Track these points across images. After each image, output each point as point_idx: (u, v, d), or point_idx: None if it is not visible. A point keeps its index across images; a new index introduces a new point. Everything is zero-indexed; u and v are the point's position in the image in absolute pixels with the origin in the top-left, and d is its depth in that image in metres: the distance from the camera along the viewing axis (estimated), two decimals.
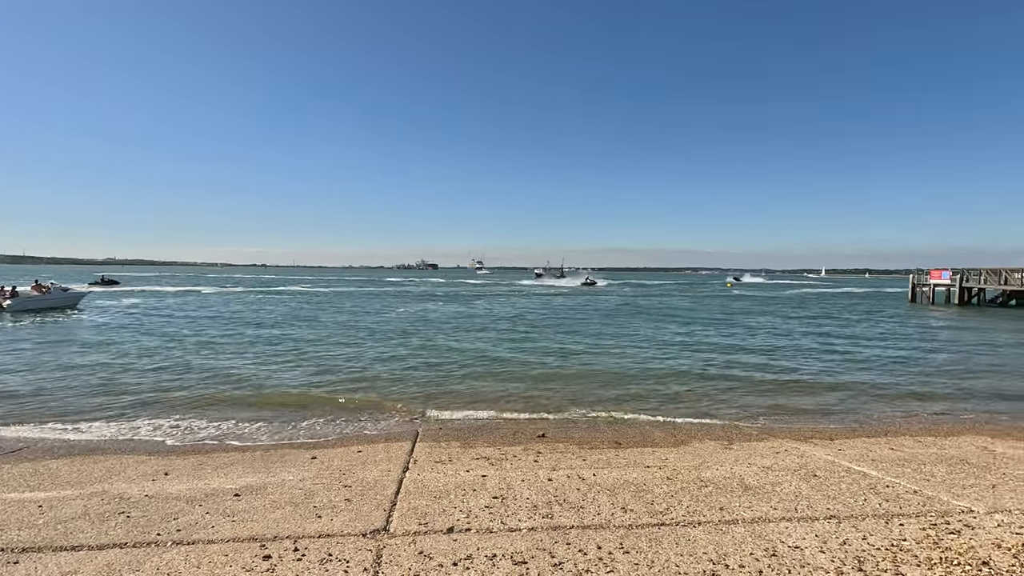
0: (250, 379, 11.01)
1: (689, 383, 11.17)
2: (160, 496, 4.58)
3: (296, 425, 7.71)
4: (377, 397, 9.62)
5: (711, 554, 3.49)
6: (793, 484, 4.98)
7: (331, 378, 11.23)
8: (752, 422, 8.10)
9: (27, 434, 7.22)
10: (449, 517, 4.09)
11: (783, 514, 4.23)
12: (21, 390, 9.81)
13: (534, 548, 3.56)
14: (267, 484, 4.91)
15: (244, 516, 4.10)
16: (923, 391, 10.70)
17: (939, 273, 39.34)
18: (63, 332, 18.76)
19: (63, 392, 9.67)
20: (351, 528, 3.86)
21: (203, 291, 48.73)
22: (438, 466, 5.54)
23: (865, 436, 7.16)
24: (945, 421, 8.27)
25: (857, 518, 4.14)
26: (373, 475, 5.19)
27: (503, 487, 4.82)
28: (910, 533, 3.83)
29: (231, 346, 15.71)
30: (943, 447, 6.48)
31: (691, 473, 5.34)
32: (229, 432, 7.29)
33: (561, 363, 13.44)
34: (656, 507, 4.36)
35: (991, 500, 4.58)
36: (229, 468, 5.49)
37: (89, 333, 18.51)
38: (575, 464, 5.67)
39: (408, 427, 7.56)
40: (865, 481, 5.08)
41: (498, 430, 7.43)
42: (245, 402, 9.09)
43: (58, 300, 28.17)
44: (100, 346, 15.38)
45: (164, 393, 9.68)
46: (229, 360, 13.21)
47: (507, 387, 10.59)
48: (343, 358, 13.73)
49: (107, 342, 16.20)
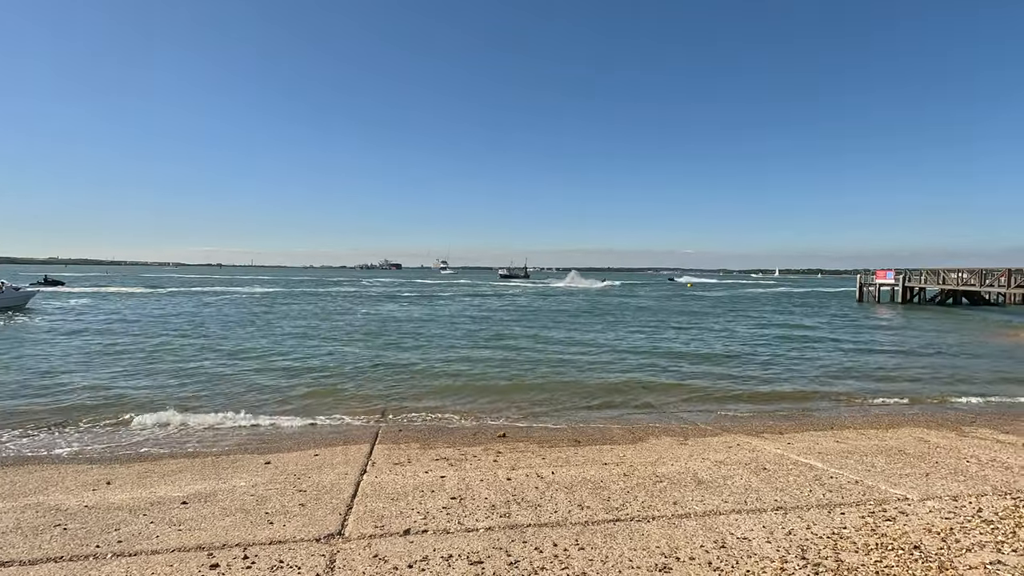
0: (203, 382, 10.63)
1: (648, 380, 11.39)
2: (101, 507, 4.38)
3: (250, 429, 7.50)
4: (336, 399, 9.44)
5: (663, 547, 3.57)
6: (744, 477, 5.15)
7: (289, 381, 10.95)
8: (707, 418, 8.32)
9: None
10: (406, 519, 4.06)
11: (733, 507, 4.36)
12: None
13: (491, 547, 3.57)
14: (217, 491, 4.75)
15: (191, 524, 3.96)
16: (867, 385, 11.22)
17: (884, 273, 41.34)
18: (14, 334, 17.69)
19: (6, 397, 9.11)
20: (304, 534, 3.79)
21: (159, 291, 46.78)
22: (396, 468, 5.48)
23: (813, 430, 7.46)
24: (886, 414, 8.70)
25: (802, 508, 4.31)
26: (329, 479, 5.09)
27: (462, 488, 4.82)
28: (850, 521, 4.02)
29: (186, 349, 15.13)
30: (883, 439, 6.81)
31: (647, 469, 5.45)
32: (178, 438, 7.03)
33: (523, 362, 13.49)
34: (612, 503, 4.44)
35: (924, 488, 4.84)
36: (177, 476, 5.29)
37: (43, 335, 17.50)
38: (534, 463, 5.70)
39: (367, 429, 7.45)
40: (811, 473, 5.29)
41: (458, 431, 7.41)
42: (195, 406, 8.77)
43: (9, 300, 26.58)
44: (51, 348, 14.56)
45: (111, 398, 9.24)
46: (182, 364, 12.72)
47: (469, 387, 10.56)
48: (299, 360, 13.42)
49: (60, 344, 15.36)
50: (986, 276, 34.43)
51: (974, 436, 6.93)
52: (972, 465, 5.57)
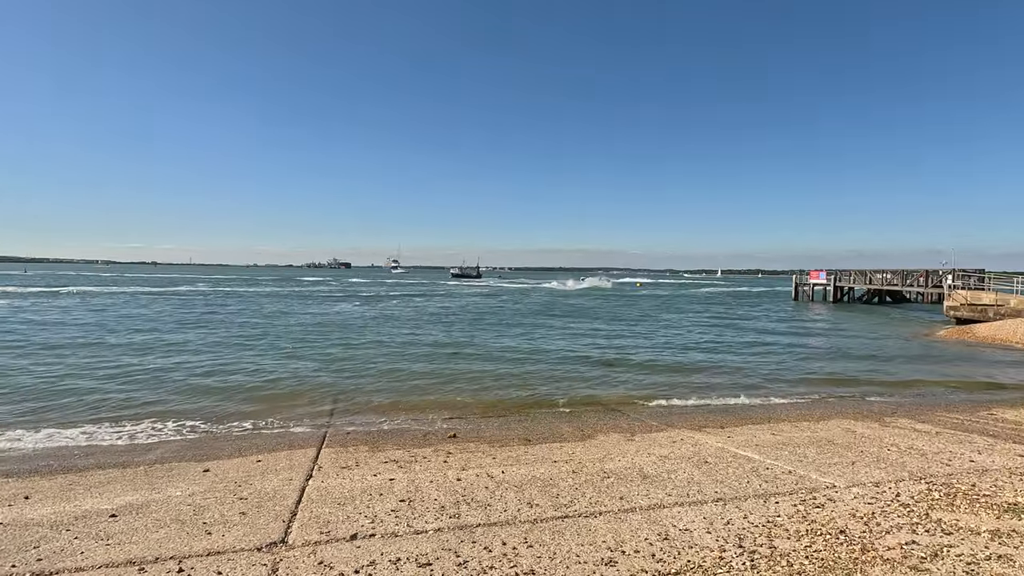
0: (138, 387, 10.04)
1: (597, 379, 11.62)
2: (18, 523, 4.06)
3: (188, 436, 7.15)
4: (281, 403, 9.13)
5: (609, 542, 3.66)
6: (687, 471, 5.34)
7: (230, 385, 10.51)
8: (653, 414, 8.57)
9: None
10: (353, 523, 3.98)
11: (676, 500, 4.52)
12: None
13: (439, 549, 3.55)
14: (150, 502, 4.51)
15: (121, 538, 3.74)
16: (800, 378, 11.86)
17: (817, 274, 43.83)
18: None
19: None
20: (245, 543, 3.65)
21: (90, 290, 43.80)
22: (344, 472, 5.36)
23: (751, 423, 7.81)
24: (818, 407, 9.21)
25: (740, 499, 4.51)
26: (273, 485, 4.93)
27: (411, 490, 4.77)
28: (783, 509, 4.24)
29: (122, 351, 14.24)
30: (815, 430, 7.22)
31: (595, 466, 5.56)
32: (107, 447, 6.62)
33: (474, 362, 13.48)
34: (561, 500, 4.50)
35: (850, 475, 5.17)
36: (105, 487, 4.98)
37: None
38: (485, 463, 5.71)
39: (314, 433, 7.25)
40: (749, 465, 5.54)
41: (408, 432, 7.32)
42: (128, 412, 8.28)
43: None
44: None
45: (33, 405, 8.59)
46: (112, 367, 11.97)
47: (419, 389, 10.45)
48: (244, 364, 12.90)
49: None
50: (907, 277, 37.13)
51: (895, 426, 7.45)
52: (892, 453, 5.99)
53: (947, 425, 7.48)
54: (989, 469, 5.37)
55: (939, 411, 8.63)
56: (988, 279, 26.98)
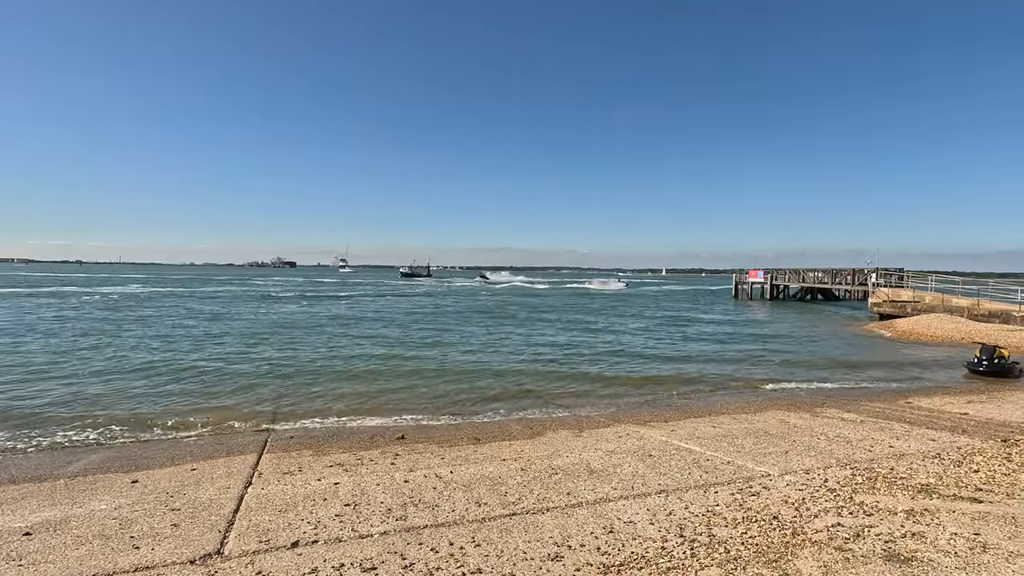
0: (59, 392, 9.33)
1: (545, 377, 11.74)
2: None
3: (114, 445, 6.71)
4: (218, 409, 8.71)
5: (556, 537, 3.70)
6: (632, 465, 5.47)
7: (162, 389, 9.95)
8: (600, 410, 8.74)
9: None
10: (294, 530, 3.85)
11: (622, 493, 4.62)
12: None
13: (385, 552, 3.49)
14: (71, 517, 4.21)
15: (36, 558, 3.47)
16: (739, 372, 12.39)
17: (755, 272, 45.99)
18: None
19: None
20: (176, 556, 3.47)
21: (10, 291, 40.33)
22: (286, 477, 5.18)
23: (694, 417, 8.09)
24: (755, 399, 9.66)
25: (682, 490, 4.67)
26: (208, 494, 4.70)
27: (357, 493, 4.66)
28: (722, 499, 4.41)
29: (40, 356, 13.19)
30: (752, 422, 7.55)
31: (543, 462, 5.61)
32: (21, 460, 6.12)
33: (423, 363, 13.33)
34: (509, 498, 4.52)
35: (783, 464, 5.44)
36: (19, 503, 4.61)
37: None
38: (433, 463, 5.66)
39: (254, 438, 6.96)
40: (691, 457, 5.74)
41: (355, 435, 7.15)
42: (46, 421, 7.69)
43: None
44: None
45: None
46: (31, 373, 11.08)
47: (366, 391, 10.24)
48: (179, 367, 12.25)
49: None
50: (836, 275, 39.50)
51: (824, 416, 7.90)
52: (822, 441, 6.35)
53: (870, 414, 8.00)
54: (906, 453, 5.78)
55: (863, 401, 9.22)
56: (906, 278, 29.06)
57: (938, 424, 7.28)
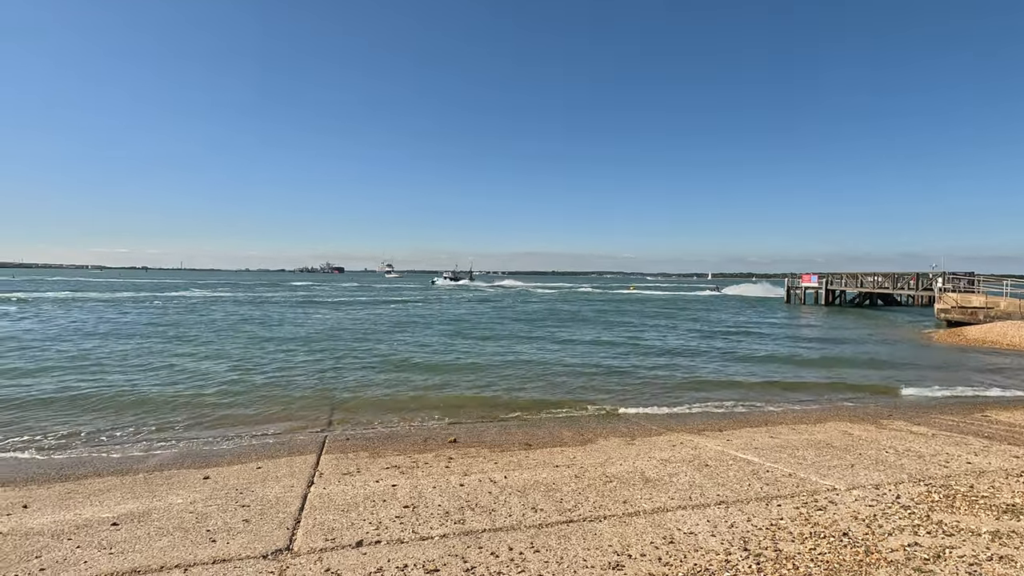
0: (134, 393, 9.96)
1: (595, 383, 11.64)
2: (18, 532, 4.02)
3: (186, 442, 7.10)
4: (279, 409, 9.08)
5: (615, 546, 3.67)
6: (688, 474, 5.36)
7: (228, 390, 10.45)
8: (652, 418, 8.60)
9: None
10: (358, 530, 3.97)
11: (680, 503, 4.54)
12: None
13: (446, 555, 3.55)
14: (152, 510, 4.48)
15: (124, 547, 3.71)
16: (796, 381, 11.94)
17: (809, 277, 44.24)
18: None
19: None
20: (250, 551, 3.63)
21: (92, 295, 43.45)
22: (346, 478, 5.35)
23: (749, 426, 7.86)
24: (814, 409, 9.28)
25: (743, 502, 4.54)
26: (275, 492, 4.90)
27: (414, 495, 4.76)
28: (786, 512, 4.27)
29: (118, 357, 14.11)
30: (812, 433, 7.27)
31: (597, 470, 5.58)
32: (104, 454, 6.56)
33: (471, 367, 13.47)
34: (565, 505, 4.51)
35: (850, 478, 5.21)
36: (105, 495, 4.94)
37: None
38: (487, 468, 5.71)
39: (313, 439, 7.22)
40: (749, 468, 5.58)
41: (408, 437, 7.30)
42: (128, 421, 8.21)
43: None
44: None
45: (30, 412, 8.50)
46: (115, 374, 11.86)
47: (417, 394, 10.44)
48: (240, 369, 12.83)
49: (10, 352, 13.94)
50: (897, 280, 37.50)
51: (891, 428, 7.52)
52: (890, 455, 6.04)
53: (942, 427, 7.56)
54: (986, 471, 5.44)
55: (934, 413, 8.72)
56: (978, 282, 27.29)
57: (1021, 439, 6.81)
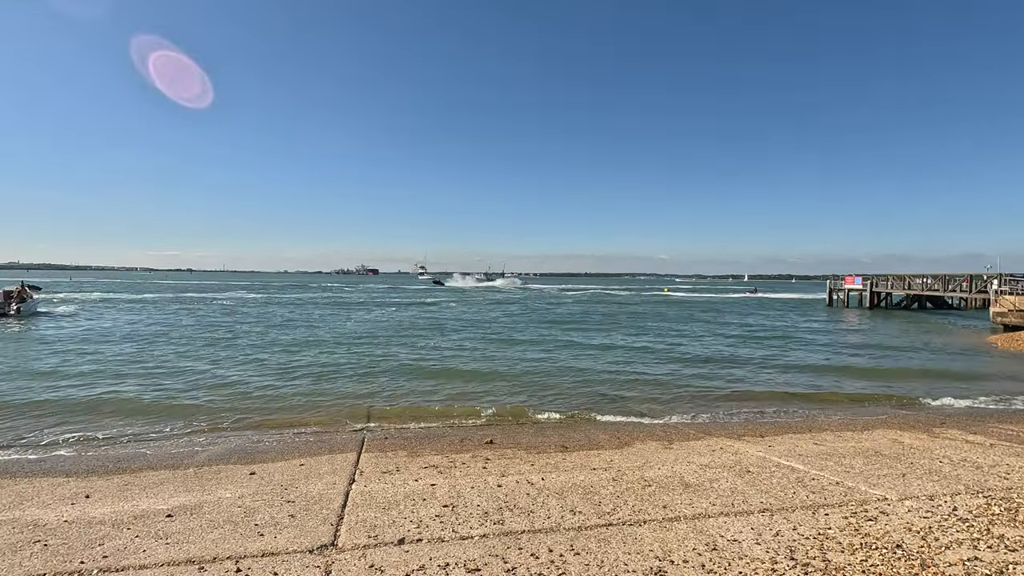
0: (183, 389, 10.38)
1: (629, 387, 11.52)
2: (82, 521, 4.25)
3: (233, 439, 7.35)
4: (318, 408, 9.32)
5: (657, 551, 3.63)
6: (729, 480, 5.25)
7: (272, 390, 10.77)
8: (690, 422, 8.46)
9: None
10: (399, 528, 4.04)
11: (721, 509, 4.45)
12: None
13: (487, 555, 3.57)
14: (203, 503, 4.66)
15: (179, 538, 3.87)
16: (841, 387, 11.54)
17: (852, 279, 42.68)
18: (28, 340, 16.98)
19: None
20: (297, 545, 3.74)
21: (147, 297, 45.57)
22: (385, 476, 5.44)
23: (792, 432, 7.64)
24: (861, 416, 8.95)
25: (787, 510, 4.42)
26: (318, 488, 5.03)
27: (453, 495, 4.81)
28: (834, 522, 4.14)
29: (168, 358, 14.74)
30: (860, 440, 7.02)
31: (635, 473, 5.52)
32: (157, 448, 6.86)
33: (506, 369, 13.51)
34: (603, 508, 4.48)
35: (902, 488, 5.01)
36: (159, 488, 5.16)
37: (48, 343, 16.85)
38: (524, 469, 5.72)
39: (352, 437, 7.37)
40: (793, 475, 5.43)
41: (445, 437, 7.38)
42: (177, 417, 8.56)
43: (31, 308, 27.02)
44: (49, 357, 14.02)
45: (91, 409, 8.96)
46: (169, 374, 12.40)
47: (453, 394, 10.54)
48: (282, 368, 13.21)
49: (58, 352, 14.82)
50: (948, 281, 35.78)
51: (944, 437, 7.19)
52: (945, 465, 5.78)
53: (1001, 437, 7.19)
54: None
55: (991, 422, 8.30)
56: None
57: None
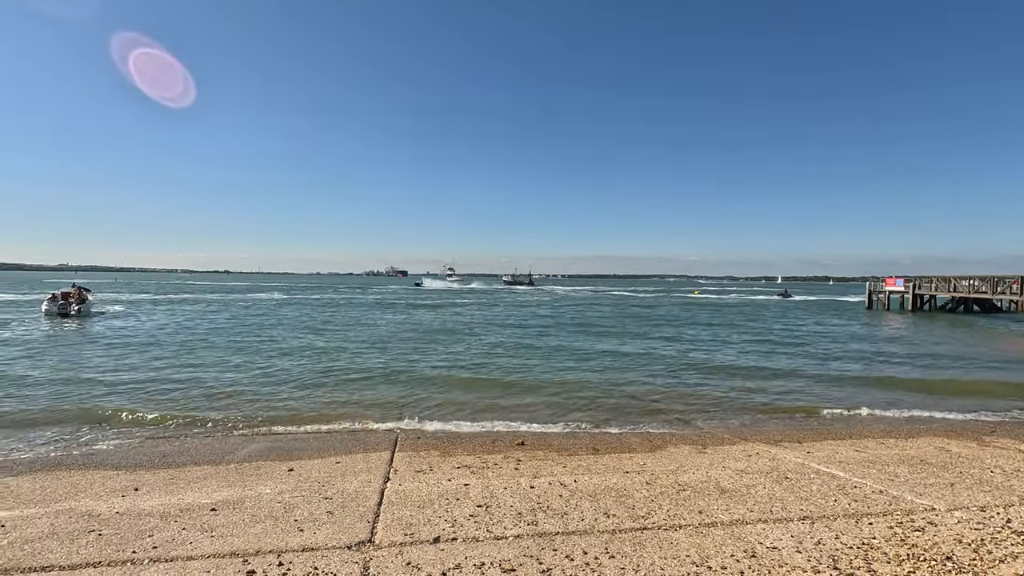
0: (222, 389, 10.71)
1: (662, 388, 11.38)
2: (132, 512, 4.43)
3: (271, 437, 7.56)
4: (352, 407, 9.50)
5: (693, 556, 3.58)
6: (767, 487, 5.14)
7: (307, 389, 11.03)
8: (724, 426, 8.31)
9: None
10: (434, 527, 4.08)
11: (759, 516, 4.36)
12: None
13: (521, 555, 3.59)
14: (244, 498, 4.80)
15: (223, 531, 4.00)
16: (883, 394, 11.16)
17: (893, 281, 41.20)
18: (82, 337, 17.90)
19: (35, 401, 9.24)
20: (335, 541, 3.82)
21: (187, 298, 47.35)
22: (419, 475, 5.51)
23: (831, 439, 7.43)
24: (904, 423, 8.65)
25: (829, 518, 4.31)
26: (353, 486, 5.13)
27: (486, 495, 4.84)
28: (879, 531, 4.01)
29: (209, 358, 15.24)
30: (904, 448, 6.78)
31: (669, 478, 5.46)
32: (199, 444, 7.10)
33: (537, 370, 13.51)
34: (638, 512, 4.45)
35: (950, 498, 4.82)
36: (203, 482, 5.34)
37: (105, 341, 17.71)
38: (556, 471, 5.72)
39: (386, 436, 7.49)
40: (834, 482, 5.28)
41: (476, 438, 7.43)
42: (218, 413, 8.85)
43: (88, 308, 28.59)
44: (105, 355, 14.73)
45: (137, 406, 9.34)
46: (210, 372, 12.83)
47: (484, 395, 10.60)
48: (317, 368, 13.50)
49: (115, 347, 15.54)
50: (998, 283, 34.20)
51: (996, 446, 6.89)
52: (997, 475, 5.54)
53: None
54: None
55: None
56: None
57: None
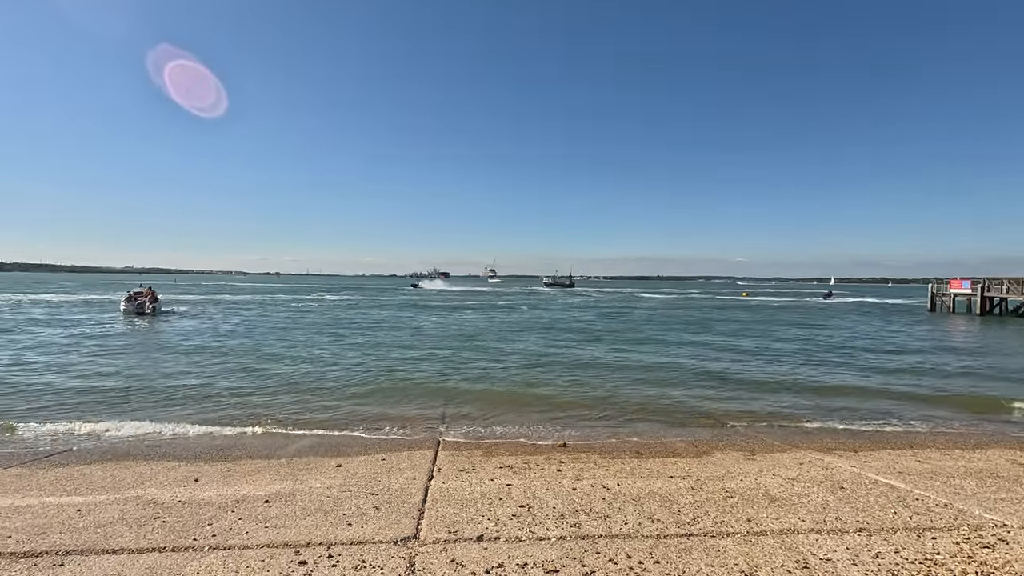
0: (276, 386, 11.15)
1: (711, 392, 11.12)
2: (192, 502, 4.67)
3: (319, 433, 7.81)
4: (397, 406, 9.70)
5: (742, 565, 3.49)
6: (820, 496, 4.95)
7: (353, 387, 11.33)
8: (773, 433, 8.04)
9: (62, 437, 7.39)
10: (478, 525, 4.13)
11: (812, 526, 4.21)
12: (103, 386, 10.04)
13: (564, 557, 3.58)
14: (295, 491, 4.98)
15: (276, 522, 4.17)
16: (949, 403, 10.54)
17: (959, 283, 38.81)
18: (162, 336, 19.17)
19: (107, 394, 9.89)
20: (382, 535, 3.92)
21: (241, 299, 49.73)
22: (462, 474, 5.58)
23: (890, 448, 7.08)
24: (972, 434, 8.14)
25: (888, 531, 4.11)
26: (399, 483, 5.24)
27: (528, 496, 4.85)
28: (943, 547, 3.80)
29: (261, 357, 15.91)
30: (971, 460, 6.39)
31: (715, 484, 5.32)
32: (251, 439, 7.41)
33: (580, 372, 13.44)
34: (683, 517, 4.36)
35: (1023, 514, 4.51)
36: (257, 475, 5.58)
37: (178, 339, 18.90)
38: (598, 474, 5.68)
39: (429, 435, 7.62)
40: (893, 494, 5.03)
41: (519, 439, 7.45)
42: (271, 412, 9.21)
43: (160, 305, 31.06)
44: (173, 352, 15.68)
45: (199, 401, 9.84)
46: (259, 370, 13.39)
47: (526, 396, 10.62)
48: (362, 367, 13.85)
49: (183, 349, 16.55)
50: None
51: None
52: None
53: None
54: None
55: None
56: None
57: None
